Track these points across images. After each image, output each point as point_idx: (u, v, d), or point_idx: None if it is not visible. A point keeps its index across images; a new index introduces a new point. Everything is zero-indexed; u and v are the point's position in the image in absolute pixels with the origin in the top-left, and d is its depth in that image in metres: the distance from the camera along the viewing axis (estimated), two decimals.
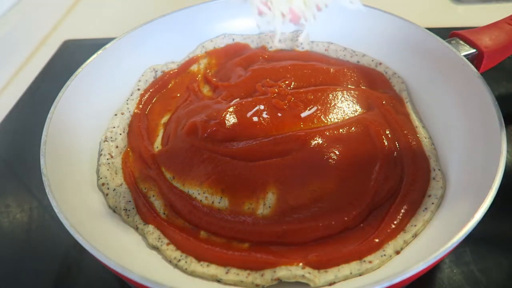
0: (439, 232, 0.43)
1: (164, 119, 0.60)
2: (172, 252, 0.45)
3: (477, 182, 0.43)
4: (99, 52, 0.60)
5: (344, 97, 0.59)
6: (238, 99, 0.59)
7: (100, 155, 0.55)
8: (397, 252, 0.43)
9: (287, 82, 0.62)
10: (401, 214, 0.46)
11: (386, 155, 0.51)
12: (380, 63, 0.65)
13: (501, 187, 0.40)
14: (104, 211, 0.50)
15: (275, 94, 0.59)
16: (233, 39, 0.71)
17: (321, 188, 0.48)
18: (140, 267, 0.39)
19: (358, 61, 0.66)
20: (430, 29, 0.59)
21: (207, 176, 0.50)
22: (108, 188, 0.51)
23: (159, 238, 0.46)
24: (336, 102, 0.58)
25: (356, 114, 0.57)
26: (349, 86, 0.62)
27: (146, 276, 0.35)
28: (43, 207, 0.59)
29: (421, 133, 0.54)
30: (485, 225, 0.47)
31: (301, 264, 0.41)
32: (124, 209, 0.49)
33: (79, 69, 0.57)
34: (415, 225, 0.45)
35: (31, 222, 0.57)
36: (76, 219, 0.41)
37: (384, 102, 0.58)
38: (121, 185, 0.52)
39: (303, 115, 0.56)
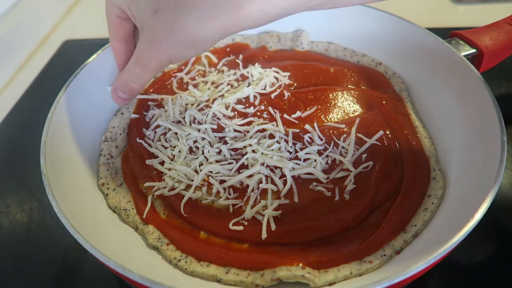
0: (439, 232, 0.43)
1: None
2: (172, 252, 0.45)
3: (477, 182, 0.43)
4: (99, 52, 0.60)
5: (344, 97, 0.59)
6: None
7: (100, 155, 0.55)
8: (397, 252, 0.43)
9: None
10: (401, 214, 0.46)
11: (386, 155, 0.51)
12: (380, 63, 0.65)
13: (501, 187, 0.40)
14: (104, 211, 0.50)
15: (275, 94, 0.59)
16: (233, 39, 0.71)
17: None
18: (140, 267, 0.39)
19: (358, 61, 0.66)
20: (430, 29, 0.59)
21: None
22: (108, 188, 0.51)
23: (159, 238, 0.46)
24: (336, 102, 0.59)
25: (356, 114, 0.57)
26: (349, 86, 0.62)
27: (146, 276, 0.35)
28: (43, 207, 0.59)
29: (421, 133, 0.54)
30: (486, 224, 0.47)
31: (301, 264, 0.41)
32: (124, 209, 0.49)
33: (79, 69, 0.57)
34: (415, 225, 0.45)
35: (31, 222, 0.57)
36: (76, 219, 0.41)
37: (384, 102, 0.58)
38: (121, 185, 0.52)
39: (303, 115, 0.57)
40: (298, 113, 0.56)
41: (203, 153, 0.52)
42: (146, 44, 0.40)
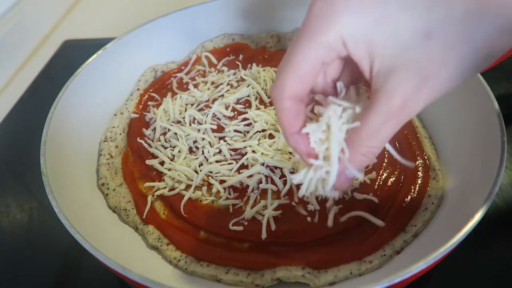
0: (439, 232, 0.43)
1: None
2: (172, 252, 0.45)
3: (477, 182, 0.43)
4: (99, 52, 0.60)
5: None
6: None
7: (100, 155, 0.55)
8: (397, 252, 0.43)
9: None
10: (401, 214, 0.46)
11: (386, 155, 0.51)
12: None
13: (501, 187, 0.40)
14: (104, 211, 0.50)
15: None
16: (233, 39, 0.71)
17: None
18: (140, 267, 0.39)
19: None
20: None
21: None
22: (108, 188, 0.51)
23: (159, 238, 0.46)
24: None
25: None
26: None
27: (146, 276, 0.35)
28: (43, 207, 0.59)
29: (421, 133, 0.54)
30: (486, 224, 0.46)
31: (301, 264, 0.41)
32: (124, 209, 0.49)
33: (79, 69, 0.57)
34: (415, 225, 0.45)
35: (31, 222, 0.57)
36: (76, 219, 0.41)
37: None
38: (121, 185, 0.52)
39: None
40: None
41: (203, 153, 0.52)
42: (410, 85, 0.27)
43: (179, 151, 0.53)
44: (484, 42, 0.26)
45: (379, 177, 0.49)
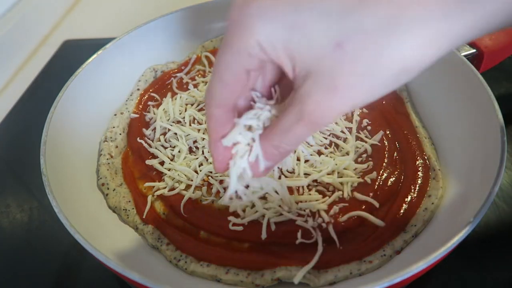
0: (439, 232, 0.43)
1: None
2: (172, 252, 0.45)
3: (477, 182, 0.43)
4: (99, 52, 0.60)
5: None
6: None
7: (100, 155, 0.55)
8: (397, 252, 0.43)
9: None
10: (401, 214, 0.46)
11: (386, 155, 0.51)
12: None
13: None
14: (104, 211, 0.50)
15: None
16: None
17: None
18: (140, 267, 0.39)
19: None
20: None
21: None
22: (108, 188, 0.51)
23: (159, 238, 0.46)
24: None
25: (356, 114, 0.57)
26: None
27: (146, 276, 0.35)
28: (43, 207, 0.59)
29: (421, 133, 0.54)
30: (486, 224, 0.47)
31: (301, 264, 0.41)
32: (124, 209, 0.49)
33: (79, 69, 0.57)
34: (415, 225, 0.45)
35: (31, 222, 0.57)
36: (76, 219, 0.41)
37: (384, 102, 0.58)
38: (121, 185, 0.52)
39: None
40: None
41: (203, 153, 0.52)
42: (321, 93, 0.28)
43: (179, 151, 0.53)
44: (398, 56, 0.25)
45: (379, 177, 0.49)
